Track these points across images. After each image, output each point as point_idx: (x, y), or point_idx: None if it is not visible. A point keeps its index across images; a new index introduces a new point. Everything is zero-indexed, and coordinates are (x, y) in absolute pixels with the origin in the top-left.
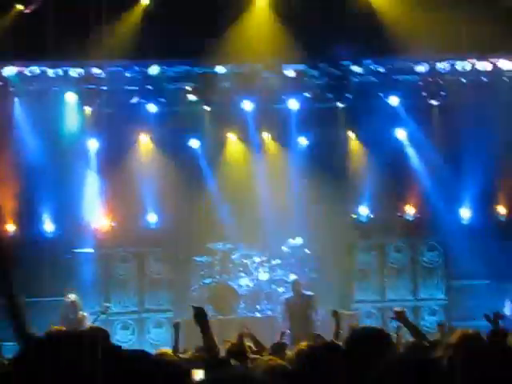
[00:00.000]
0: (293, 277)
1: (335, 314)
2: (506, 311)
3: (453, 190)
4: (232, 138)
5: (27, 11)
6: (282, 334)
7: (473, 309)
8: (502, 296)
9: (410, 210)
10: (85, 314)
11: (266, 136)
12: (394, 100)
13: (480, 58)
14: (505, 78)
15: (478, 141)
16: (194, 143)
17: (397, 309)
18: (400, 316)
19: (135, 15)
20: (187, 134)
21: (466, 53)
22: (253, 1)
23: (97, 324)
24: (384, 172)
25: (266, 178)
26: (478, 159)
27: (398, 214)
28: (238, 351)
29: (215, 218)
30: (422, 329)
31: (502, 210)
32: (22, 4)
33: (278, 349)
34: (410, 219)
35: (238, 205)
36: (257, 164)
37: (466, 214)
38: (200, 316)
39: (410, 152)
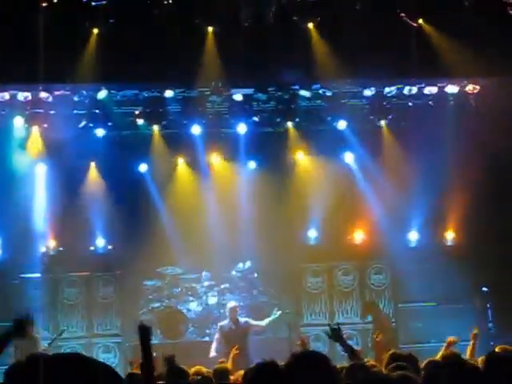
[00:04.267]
0: (231, 304)
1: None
2: None
3: (401, 214)
4: (181, 162)
5: None
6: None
7: (420, 331)
8: (448, 318)
9: (358, 233)
10: (38, 335)
11: (215, 160)
12: (341, 124)
13: (428, 83)
14: (451, 102)
15: (426, 164)
16: (143, 167)
17: (332, 326)
18: (335, 334)
19: (85, 40)
20: (136, 159)
21: (413, 78)
22: (202, 27)
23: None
24: (332, 195)
25: (215, 202)
26: (426, 183)
27: (347, 237)
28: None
29: (164, 242)
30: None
31: (449, 234)
32: None
33: (221, 375)
34: (358, 242)
35: (187, 229)
36: (206, 188)
37: (413, 237)
38: (146, 336)
39: (358, 176)
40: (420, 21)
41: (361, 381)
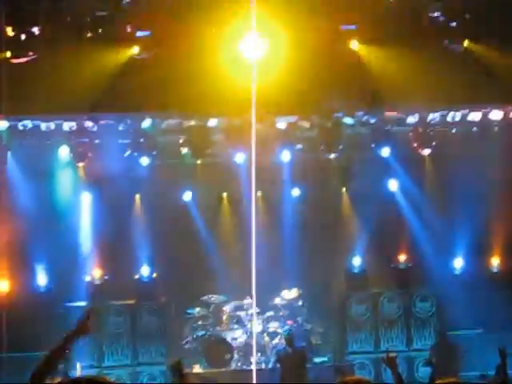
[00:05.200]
0: (286, 328)
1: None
2: None
3: (445, 241)
4: (225, 190)
5: (17, 61)
6: None
7: (466, 359)
8: (494, 346)
9: (402, 261)
10: (78, 365)
11: (259, 188)
12: (385, 151)
13: (471, 109)
14: (495, 128)
15: (470, 190)
16: (187, 196)
17: (391, 354)
18: (391, 361)
19: (128, 69)
20: (180, 187)
21: (456, 104)
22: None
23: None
24: (376, 222)
25: (259, 230)
26: (470, 209)
27: (392, 264)
28: None
29: (208, 270)
30: (417, 380)
31: (494, 261)
32: (11, 52)
33: None
34: (403, 270)
35: (231, 257)
36: (249, 216)
37: (458, 264)
38: (176, 371)
39: (402, 202)
40: (465, 43)
41: None
